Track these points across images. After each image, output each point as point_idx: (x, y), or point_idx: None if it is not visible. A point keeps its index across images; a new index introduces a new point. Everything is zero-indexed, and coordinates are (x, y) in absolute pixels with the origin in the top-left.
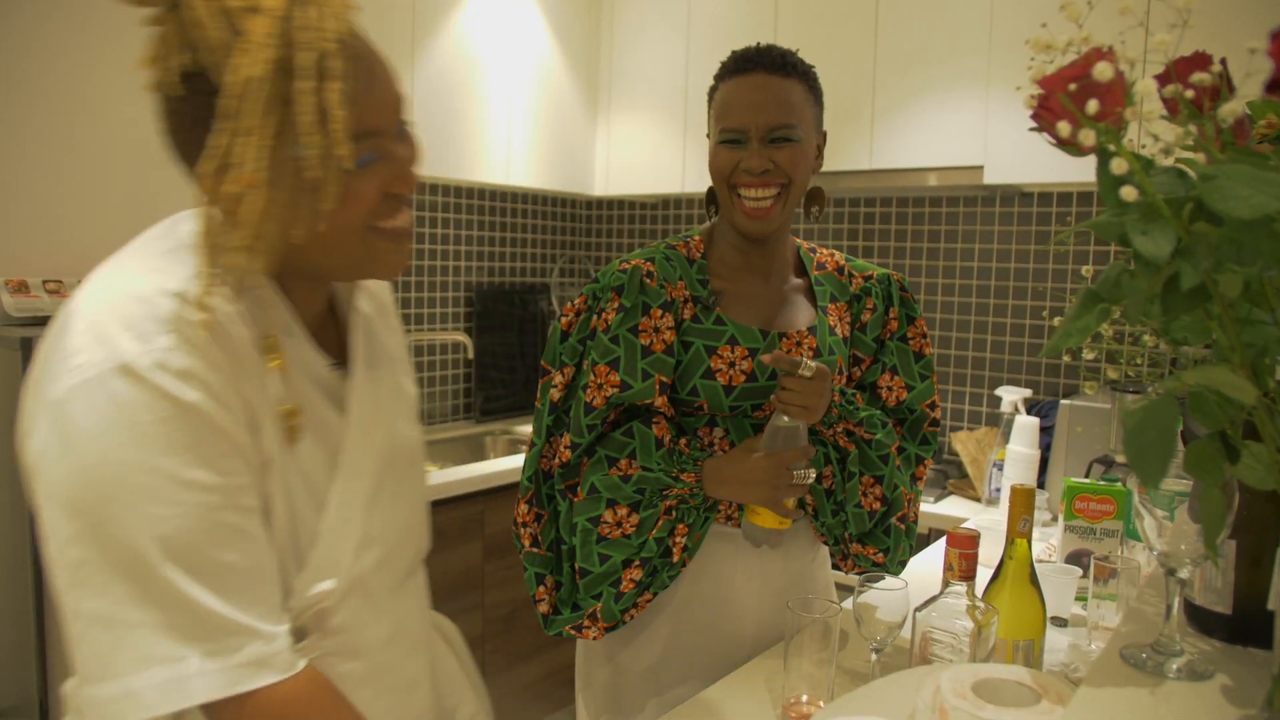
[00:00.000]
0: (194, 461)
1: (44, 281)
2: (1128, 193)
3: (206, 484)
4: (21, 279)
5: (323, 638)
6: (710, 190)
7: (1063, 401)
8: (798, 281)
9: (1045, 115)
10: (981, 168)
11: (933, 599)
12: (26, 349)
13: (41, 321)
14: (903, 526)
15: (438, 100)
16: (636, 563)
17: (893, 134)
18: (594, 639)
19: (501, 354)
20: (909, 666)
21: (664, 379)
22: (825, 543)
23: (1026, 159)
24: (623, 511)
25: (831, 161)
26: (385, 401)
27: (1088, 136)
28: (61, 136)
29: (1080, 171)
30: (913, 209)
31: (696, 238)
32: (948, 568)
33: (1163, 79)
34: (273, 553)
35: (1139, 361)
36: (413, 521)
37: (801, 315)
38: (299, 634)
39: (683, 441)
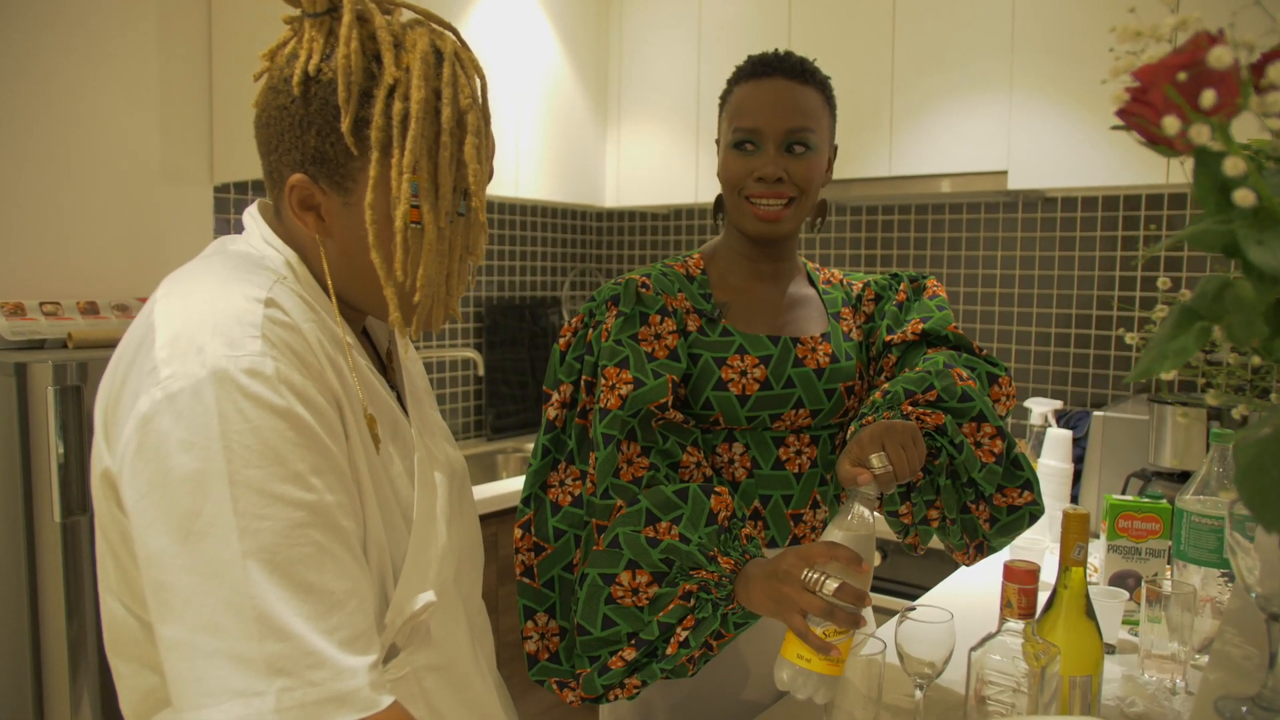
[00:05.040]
0: (284, 475)
1: (41, 304)
2: (1242, 196)
3: (295, 499)
4: (18, 301)
5: (416, 651)
6: (719, 197)
7: (1095, 413)
8: (807, 291)
9: (1142, 111)
10: (1005, 173)
11: (988, 638)
12: (21, 374)
13: (39, 345)
14: (1024, 453)
15: None
16: (633, 641)
17: (912, 139)
18: (570, 704)
19: (512, 370)
20: (959, 706)
21: (675, 379)
22: (964, 545)
23: (1051, 163)
24: (643, 578)
25: (850, 168)
26: (431, 426)
27: (1200, 133)
28: (58, 158)
29: (1106, 175)
30: (933, 216)
31: (695, 257)
32: (1005, 604)
33: (1257, 69)
34: (366, 576)
35: (1219, 381)
36: (476, 535)
37: (814, 322)
38: (391, 652)
39: (744, 531)
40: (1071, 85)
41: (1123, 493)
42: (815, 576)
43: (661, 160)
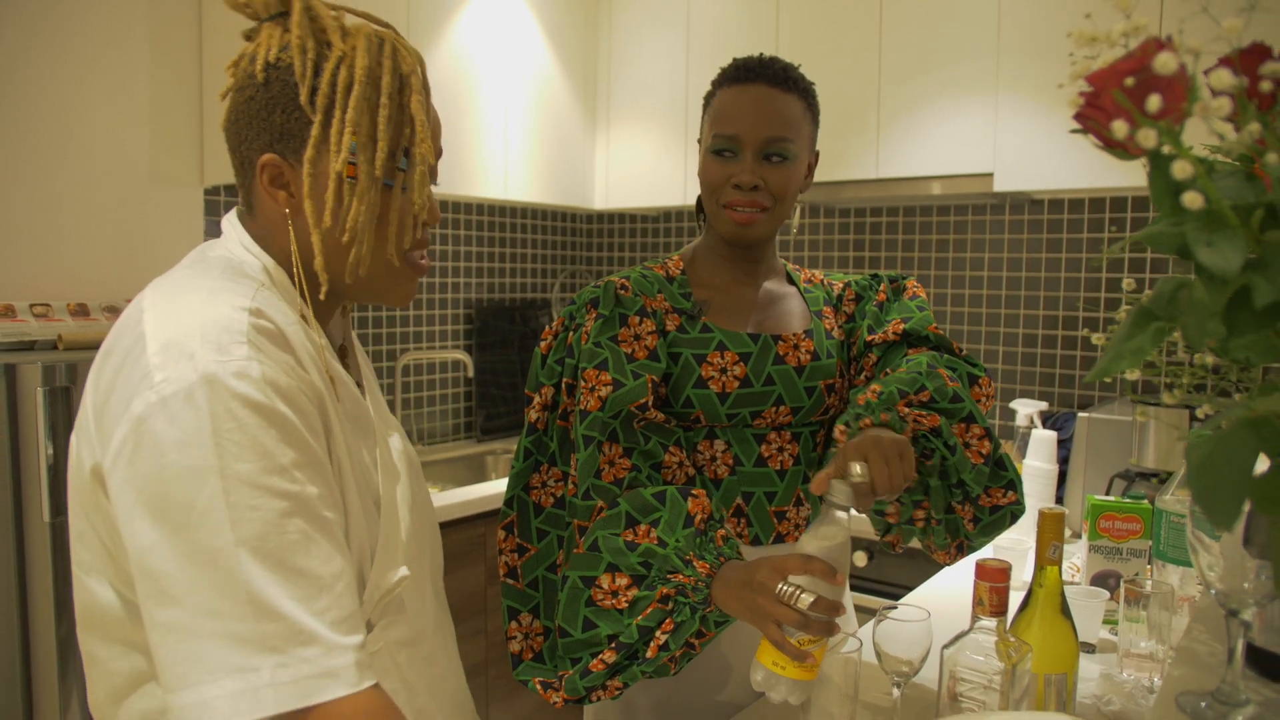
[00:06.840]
0: (270, 469)
1: (31, 305)
2: (1191, 199)
3: (281, 490)
4: (8, 303)
5: (389, 627)
6: (699, 198)
7: (1080, 414)
8: (787, 289)
9: (1094, 115)
10: (991, 175)
11: (961, 635)
12: (11, 375)
13: (28, 346)
14: (1009, 453)
15: None
16: (613, 644)
17: (899, 142)
18: (554, 704)
19: (502, 371)
20: (935, 704)
21: (655, 379)
22: (946, 545)
23: (1037, 165)
24: (623, 581)
25: (837, 171)
26: (386, 417)
27: (1147, 137)
28: (49, 161)
29: (1092, 177)
30: (920, 218)
31: (674, 258)
32: (977, 602)
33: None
34: (350, 563)
35: (1183, 380)
36: (433, 519)
37: (795, 319)
38: (365, 628)
39: (720, 533)
40: (1058, 88)
41: (1106, 493)
42: (790, 590)
43: (651, 162)
